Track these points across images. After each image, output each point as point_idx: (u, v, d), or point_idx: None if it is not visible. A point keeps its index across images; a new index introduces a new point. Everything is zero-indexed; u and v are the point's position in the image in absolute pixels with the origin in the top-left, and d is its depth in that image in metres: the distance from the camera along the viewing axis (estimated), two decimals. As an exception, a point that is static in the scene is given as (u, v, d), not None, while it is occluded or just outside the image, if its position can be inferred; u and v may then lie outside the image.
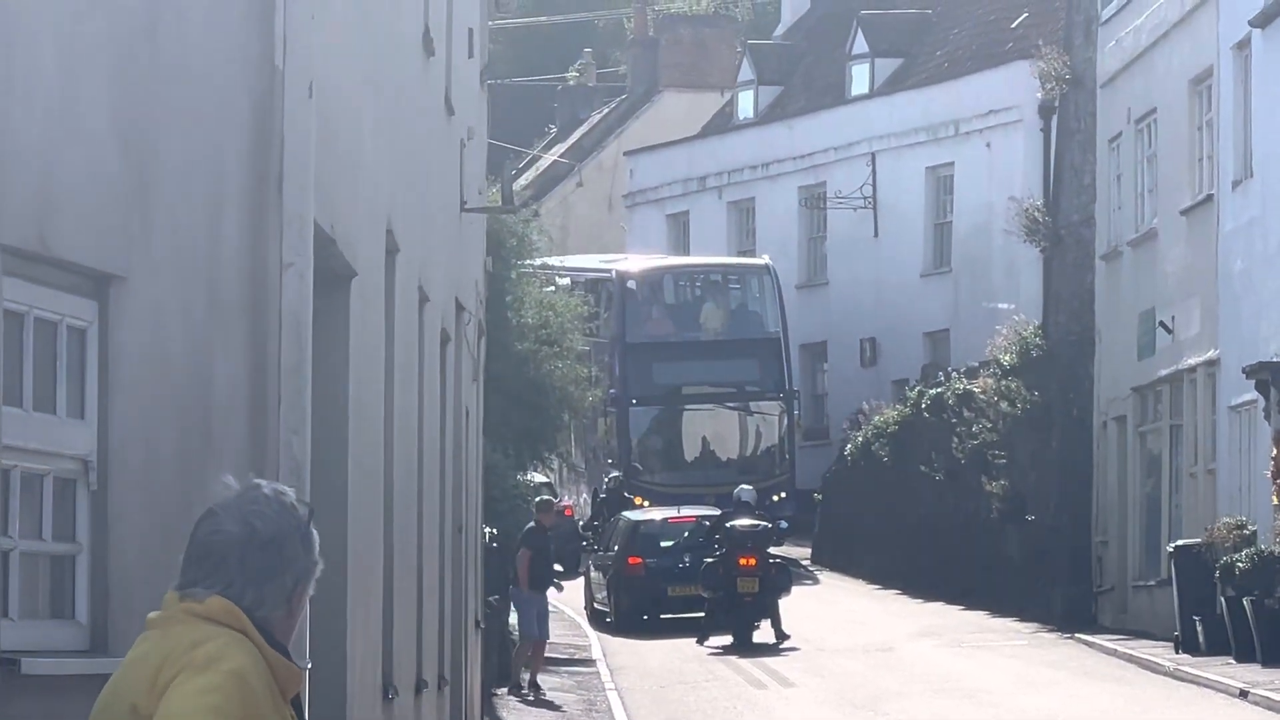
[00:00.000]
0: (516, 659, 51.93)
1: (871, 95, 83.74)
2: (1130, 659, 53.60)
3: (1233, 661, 50.59)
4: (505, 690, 50.13)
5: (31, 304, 11.60)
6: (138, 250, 12.46)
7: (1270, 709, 43.54)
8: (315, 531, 9.43)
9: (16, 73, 11.47)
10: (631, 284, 70.75)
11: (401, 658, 20.98)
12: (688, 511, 72.82)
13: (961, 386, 70.86)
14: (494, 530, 33.82)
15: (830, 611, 67.57)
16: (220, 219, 13.61)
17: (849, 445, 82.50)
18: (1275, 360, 52.95)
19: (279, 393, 13.85)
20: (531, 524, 46.82)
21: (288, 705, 9.36)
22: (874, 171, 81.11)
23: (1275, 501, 52.38)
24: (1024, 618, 61.60)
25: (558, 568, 53.87)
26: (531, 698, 50.71)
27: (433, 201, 23.15)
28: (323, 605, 14.76)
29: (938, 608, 60.82)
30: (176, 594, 9.41)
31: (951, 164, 79.87)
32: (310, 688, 14.60)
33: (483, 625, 30.22)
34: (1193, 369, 61.11)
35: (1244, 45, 55.70)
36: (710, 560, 61.58)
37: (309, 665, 14.39)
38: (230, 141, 13.78)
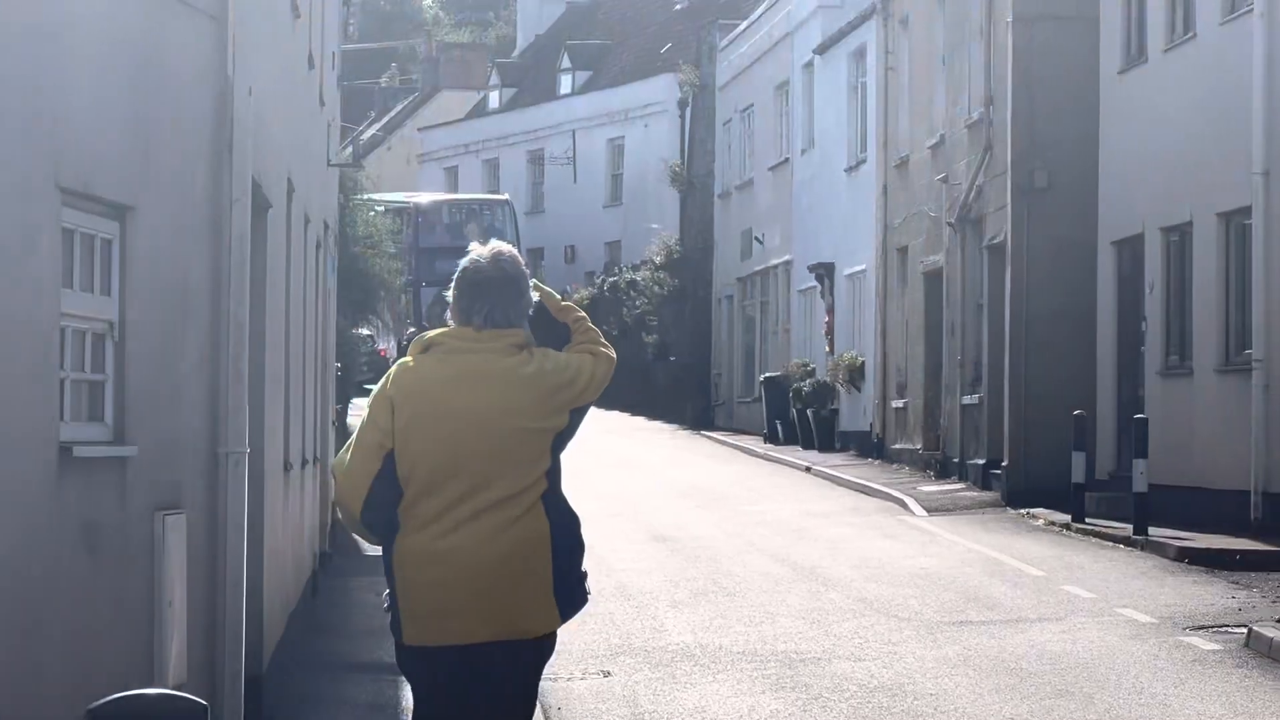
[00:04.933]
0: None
1: (573, 94, 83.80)
2: (737, 447, 53.75)
3: (800, 449, 50.87)
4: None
5: (78, 224, 11.53)
6: (144, 191, 12.40)
7: (819, 476, 43.54)
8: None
9: (69, 79, 11.38)
10: (421, 211, 70.49)
11: (292, 443, 20.84)
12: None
13: (629, 276, 70.35)
14: (339, 363, 33.48)
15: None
16: (195, 171, 13.51)
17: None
18: (827, 262, 53.31)
19: (229, 280, 13.76)
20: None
21: None
22: (574, 143, 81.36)
23: (827, 350, 52.91)
24: (668, 421, 61.67)
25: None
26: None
27: (311, 160, 22.95)
28: (253, 407, 14.70)
29: (616, 414, 60.69)
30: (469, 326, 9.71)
31: (623, 137, 79.72)
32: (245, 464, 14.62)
33: (335, 423, 30.08)
34: (775, 266, 59.12)
35: (809, 65, 55.88)
36: None
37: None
38: (201, 124, 13.69)
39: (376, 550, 9.77)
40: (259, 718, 14.92)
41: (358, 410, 27.68)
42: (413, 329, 71.20)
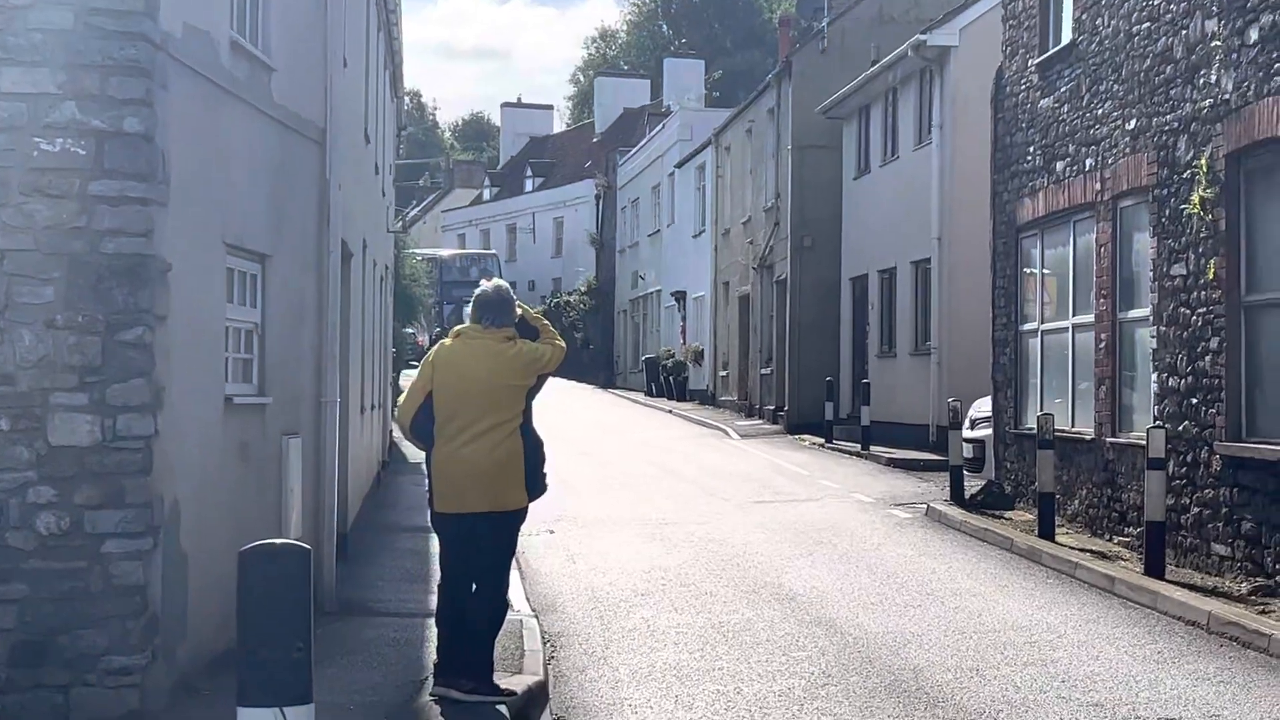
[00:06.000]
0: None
1: (533, 191, 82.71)
2: (628, 399, 53.11)
3: (665, 400, 50.42)
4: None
5: (236, 265, 11.42)
6: (276, 245, 12.27)
7: (676, 415, 42.94)
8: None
9: (234, 179, 11.25)
10: (443, 260, 69.76)
11: (365, 395, 20.62)
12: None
13: (566, 299, 69.34)
14: (394, 348, 33.17)
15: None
16: (306, 234, 13.36)
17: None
18: (681, 290, 53.20)
19: (327, 299, 13.64)
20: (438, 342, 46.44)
21: None
22: (534, 220, 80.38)
23: (681, 342, 52.58)
24: (588, 384, 60.57)
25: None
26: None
27: (377, 228, 22.72)
28: (340, 374, 14.57)
29: (560, 380, 60.18)
30: (480, 325, 10.03)
31: (563, 217, 78.49)
32: (337, 410, 14.52)
33: (392, 383, 29.80)
34: (651, 293, 58.00)
35: (671, 175, 55.30)
36: None
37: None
38: (310, 205, 13.55)
39: (419, 459, 9.93)
40: (345, 558, 14.86)
41: (405, 378, 27.53)
42: (438, 329, 70.76)
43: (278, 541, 4.81)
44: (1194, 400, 15.49)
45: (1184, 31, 15.81)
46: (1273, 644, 11.85)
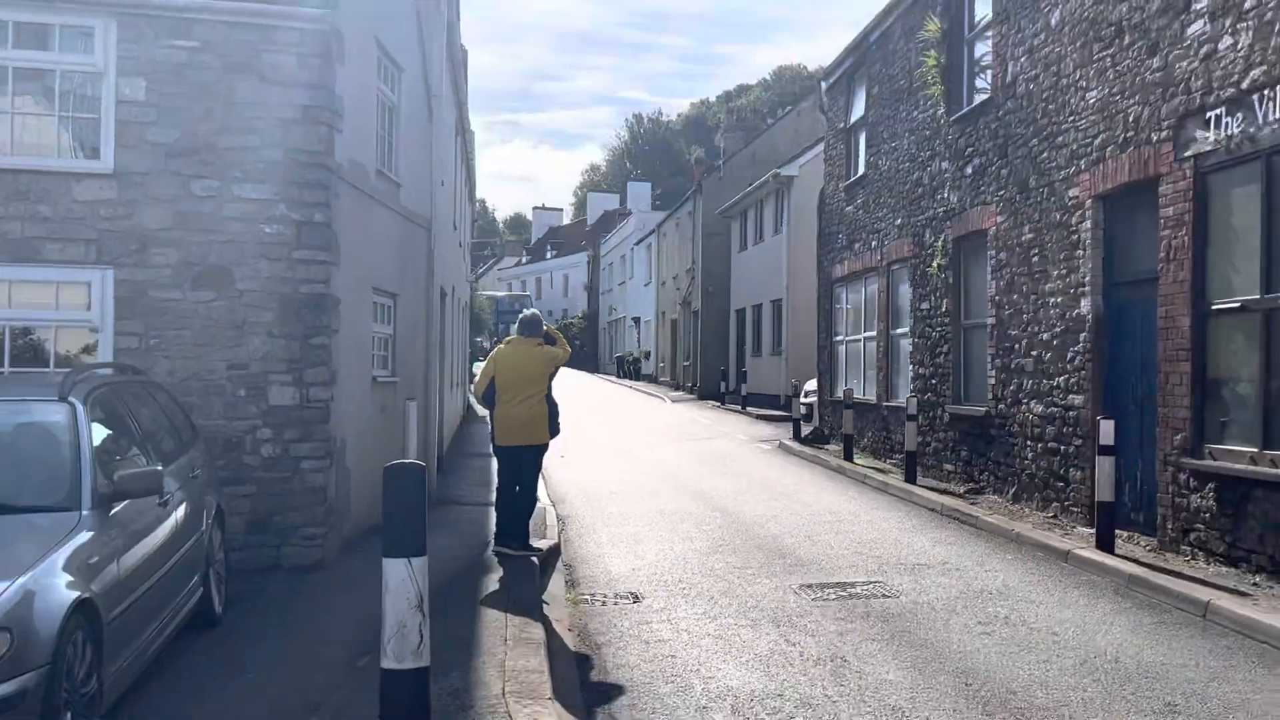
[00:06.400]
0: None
1: (551, 259, 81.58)
2: (605, 379, 52.19)
3: (629, 380, 49.54)
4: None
5: (378, 300, 11.33)
6: (401, 288, 12.18)
7: (633, 389, 41.86)
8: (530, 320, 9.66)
9: (379, 248, 11.15)
10: (498, 298, 68.99)
11: (452, 377, 20.37)
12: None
13: (569, 322, 68.36)
14: (470, 349, 32.99)
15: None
16: (419, 280, 13.29)
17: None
18: (637, 316, 52.70)
19: (431, 324, 13.54)
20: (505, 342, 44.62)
21: None
22: (552, 275, 79.27)
23: (638, 346, 51.87)
24: (584, 371, 59.67)
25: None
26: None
27: (461, 279, 22.56)
28: (440, 365, 14.43)
29: (567, 370, 59.41)
30: (522, 337, 9.67)
31: (568, 274, 78.11)
32: (434, 392, 14.38)
33: (470, 371, 29.54)
34: (621, 318, 58.05)
35: (634, 249, 54.85)
36: None
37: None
38: (421, 264, 13.46)
39: (484, 415, 9.80)
40: (441, 471, 14.75)
41: (477, 370, 27.17)
42: (496, 339, 70.93)
43: (407, 460, 4.81)
44: (933, 381, 15.55)
45: (929, 168, 15.85)
46: (979, 521, 11.92)
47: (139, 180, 9.19)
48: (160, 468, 6.11)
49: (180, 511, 6.75)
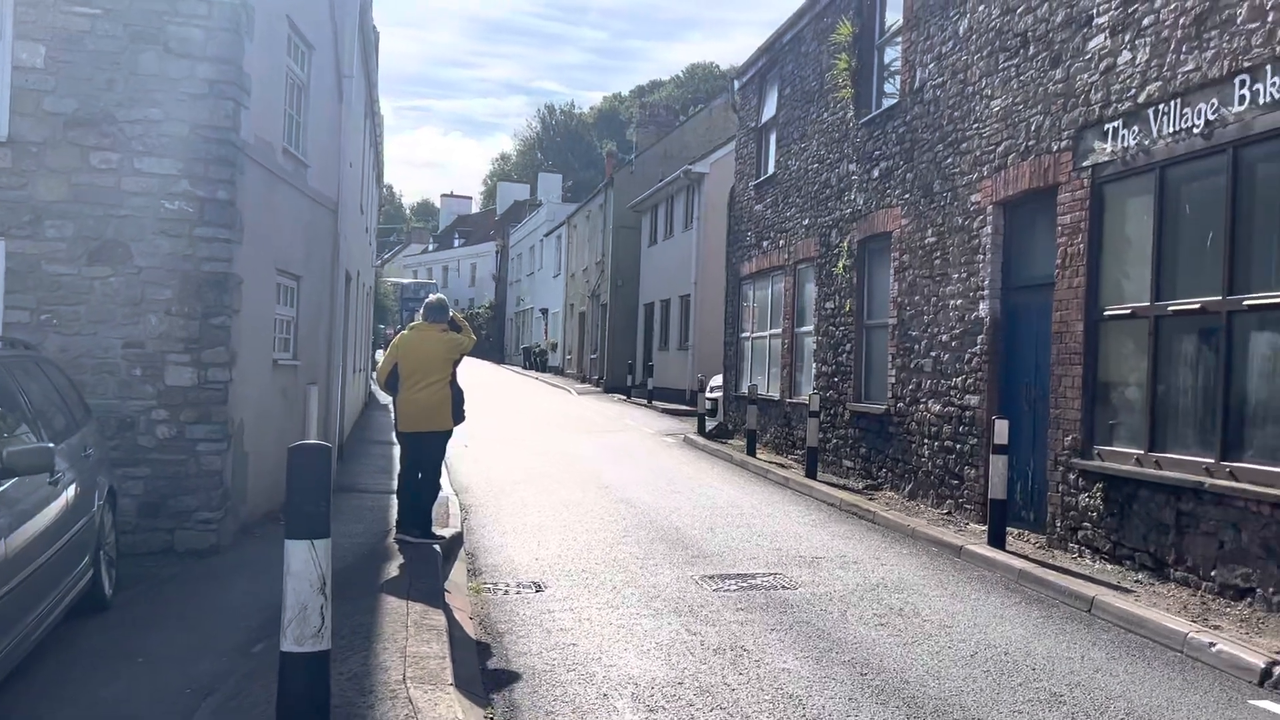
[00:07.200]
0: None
1: (459, 248, 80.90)
2: (511, 370, 51.98)
3: (535, 372, 49.39)
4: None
5: (282, 282, 11.10)
6: (306, 271, 11.97)
7: (539, 381, 41.56)
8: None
9: (284, 231, 10.94)
10: (404, 284, 67.93)
11: (355, 363, 20.08)
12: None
13: (475, 310, 67.46)
14: (374, 336, 32.45)
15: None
16: (324, 264, 13.06)
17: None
18: (545, 307, 52.72)
19: (335, 307, 13.35)
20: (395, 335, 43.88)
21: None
22: (459, 264, 78.33)
23: (545, 337, 51.61)
24: (489, 361, 59.18)
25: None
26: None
27: (366, 264, 22.21)
28: (343, 350, 14.22)
29: (471, 360, 59.07)
30: (426, 322, 9.53)
31: (476, 263, 76.97)
32: (337, 378, 14.16)
33: (372, 358, 29.11)
34: (529, 309, 57.85)
35: (543, 240, 54.53)
36: None
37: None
38: (327, 247, 13.24)
39: (387, 402, 9.73)
40: (341, 458, 14.55)
41: (379, 356, 26.90)
42: (399, 326, 69.98)
43: (307, 442, 4.74)
44: (835, 379, 15.80)
45: (837, 169, 16.09)
46: (877, 517, 12.17)
47: (34, 150, 8.86)
48: (51, 445, 5.92)
49: (71, 491, 6.54)
